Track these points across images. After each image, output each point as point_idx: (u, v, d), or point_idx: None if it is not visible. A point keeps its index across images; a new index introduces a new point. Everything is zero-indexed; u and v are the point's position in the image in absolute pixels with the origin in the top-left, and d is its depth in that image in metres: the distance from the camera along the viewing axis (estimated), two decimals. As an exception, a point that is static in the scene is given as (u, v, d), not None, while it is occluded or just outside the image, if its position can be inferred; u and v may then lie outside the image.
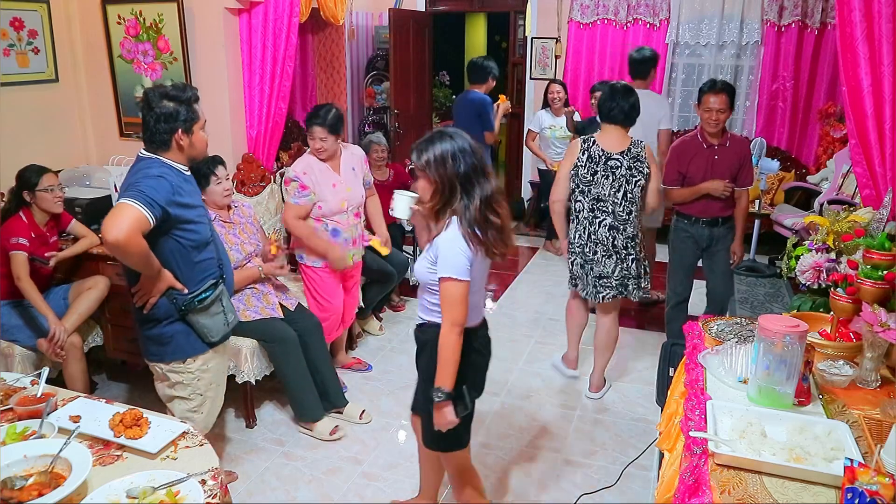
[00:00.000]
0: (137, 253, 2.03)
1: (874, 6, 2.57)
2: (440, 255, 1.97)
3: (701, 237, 3.53)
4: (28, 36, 3.67)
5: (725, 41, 5.86)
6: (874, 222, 2.43)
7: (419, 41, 6.27)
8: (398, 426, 3.24)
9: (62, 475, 1.53)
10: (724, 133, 3.41)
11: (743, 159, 3.42)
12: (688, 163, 3.44)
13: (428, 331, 2.11)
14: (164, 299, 2.21)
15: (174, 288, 2.21)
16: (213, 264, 2.33)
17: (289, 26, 3.79)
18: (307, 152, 3.28)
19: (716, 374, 1.99)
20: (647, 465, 2.85)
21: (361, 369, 3.75)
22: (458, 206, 1.96)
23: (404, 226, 4.58)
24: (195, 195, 2.27)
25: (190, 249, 2.22)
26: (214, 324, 2.30)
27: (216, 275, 2.33)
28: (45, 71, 3.81)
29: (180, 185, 2.16)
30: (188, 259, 2.23)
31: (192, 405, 2.37)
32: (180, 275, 2.22)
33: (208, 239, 2.30)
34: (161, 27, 3.76)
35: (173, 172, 2.17)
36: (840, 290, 2.13)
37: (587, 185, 3.15)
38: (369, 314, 4.18)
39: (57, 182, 3.02)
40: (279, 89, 3.92)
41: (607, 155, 3.11)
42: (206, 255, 2.29)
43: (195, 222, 2.22)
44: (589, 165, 3.13)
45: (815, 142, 5.78)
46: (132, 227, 1.98)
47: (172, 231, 2.16)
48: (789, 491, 1.48)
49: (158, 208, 2.04)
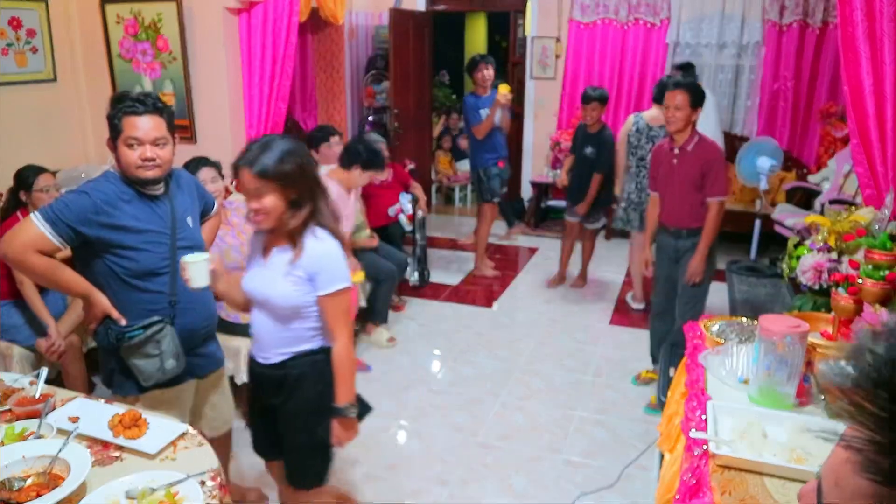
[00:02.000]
0: (33, 271, 1.92)
1: (876, 5, 2.56)
2: (321, 271, 1.80)
3: (667, 247, 3.32)
4: (26, 35, 3.67)
5: (726, 41, 5.85)
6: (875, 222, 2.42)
7: (419, 41, 6.27)
8: (398, 427, 3.23)
9: (61, 476, 1.52)
10: (692, 136, 3.13)
11: (705, 166, 3.10)
12: (657, 166, 3.31)
13: (302, 360, 1.89)
14: (102, 327, 2.02)
15: (111, 316, 1.99)
16: (162, 299, 2.02)
17: (288, 26, 3.79)
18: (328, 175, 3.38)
19: (716, 375, 1.98)
20: (648, 465, 2.85)
21: (361, 370, 3.74)
22: (316, 211, 1.81)
23: (404, 226, 4.58)
24: (144, 218, 1.98)
25: (126, 278, 1.97)
26: (146, 367, 2.00)
27: (165, 312, 2.02)
28: (44, 70, 3.80)
29: (114, 203, 1.93)
30: (124, 288, 1.98)
31: None
32: (117, 304, 1.99)
33: (155, 269, 2.00)
34: (160, 26, 3.76)
35: (113, 188, 1.96)
36: (841, 290, 2.12)
37: (634, 149, 4.27)
38: (378, 322, 4.13)
39: (53, 182, 3.01)
40: (279, 89, 3.91)
41: (649, 127, 4.19)
42: (151, 286, 2.01)
43: (132, 248, 1.95)
44: (636, 135, 4.26)
45: (817, 141, 5.77)
46: (24, 244, 1.86)
47: (103, 254, 1.95)
48: (790, 492, 1.47)
49: (64, 227, 1.87)
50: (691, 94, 3.05)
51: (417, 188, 4.78)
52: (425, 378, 3.71)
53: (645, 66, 6.08)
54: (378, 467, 2.91)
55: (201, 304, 2.13)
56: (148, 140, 1.95)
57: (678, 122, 3.08)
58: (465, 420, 3.27)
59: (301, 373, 1.90)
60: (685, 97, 3.04)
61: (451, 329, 4.29)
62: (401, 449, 3.07)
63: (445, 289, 4.97)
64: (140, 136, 1.94)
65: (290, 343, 1.88)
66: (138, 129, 1.94)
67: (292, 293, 1.80)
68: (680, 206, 3.21)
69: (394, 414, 3.33)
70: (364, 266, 3.99)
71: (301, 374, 1.90)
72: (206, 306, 2.17)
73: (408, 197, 4.59)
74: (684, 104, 3.05)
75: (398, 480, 2.83)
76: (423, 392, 3.54)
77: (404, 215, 4.52)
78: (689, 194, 3.16)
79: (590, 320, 4.46)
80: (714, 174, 3.11)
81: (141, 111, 1.94)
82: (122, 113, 1.95)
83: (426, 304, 4.69)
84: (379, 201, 4.47)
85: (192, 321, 2.12)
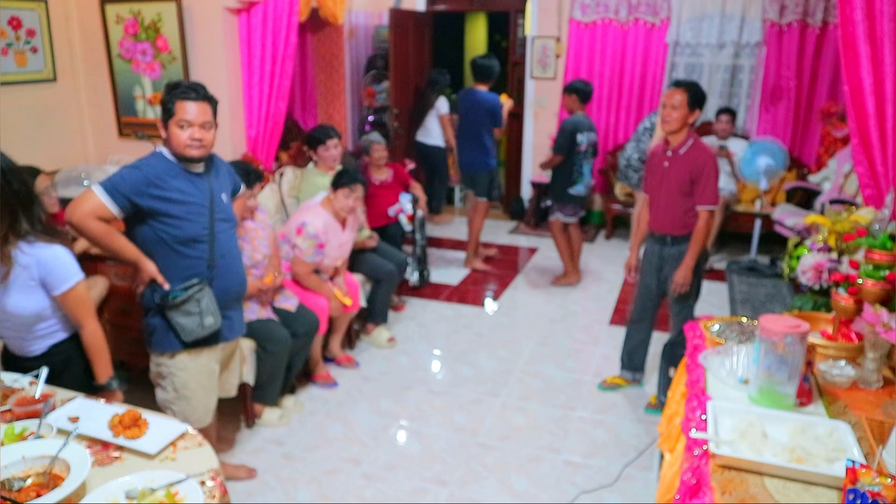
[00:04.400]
0: (91, 235, 2.17)
1: (876, 5, 2.57)
2: (52, 271, 1.94)
3: (651, 255, 3.20)
4: (26, 35, 3.66)
5: (726, 41, 5.84)
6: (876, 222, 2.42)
7: (419, 41, 6.27)
8: (398, 427, 3.23)
9: (61, 476, 1.52)
10: (687, 140, 3.02)
11: (695, 171, 2.97)
12: (650, 169, 3.22)
13: (65, 346, 2.09)
14: (148, 290, 2.31)
15: (156, 280, 2.27)
16: (201, 264, 2.32)
17: (288, 26, 3.79)
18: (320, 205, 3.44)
19: (717, 375, 1.98)
20: (648, 465, 2.85)
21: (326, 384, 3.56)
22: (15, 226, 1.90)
23: (404, 226, 4.58)
24: (191, 192, 2.26)
25: (172, 244, 2.26)
26: (188, 323, 2.30)
27: (203, 275, 2.32)
28: (44, 70, 3.80)
29: (162, 178, 2.20)
30: (169, 253, 2.27)
31: (168, 397, 2.46)
32: (162, 267, 2.28)
33: (196, 237, 2.29)
34: (160, 26, 3.76)
35: (163, 165, 2.22)
36: (841, 290, 2.13)
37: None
38: (378, 322, 4.14)
39: (50, 183, 3.00)
40: (278, 89, 3.91)
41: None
42: (193, 252, 2.30)
43: (178, 217, 2.23)
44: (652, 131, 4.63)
45: (817, 141, 5.77)
46: (86, 211, 2.13)
47: (151, 222, 2.23)
48: (790, 492, 1.47)
49: (121, 198, 2.15)
50: (690, 94, 2.95)
51: (417, 188, 4.78)
52: (425, 378, 3.71)
53: (645, 66, 6.07)
54: (378, 467, 2.91)
55: (234, 269, 2.45)
56: (197, 123, 2.20)
57: (673, 122, 2.97)
58: (465, 420, 3.27)
59: (68, 355, 2.10)
60: (683, 97, 2.94)
61: (451, 329, 4.28)
62: (401, 449, 3.07)
63: (445, 289, 4.97)
64: (190, 118, 2.20)
65: (43, 339, 2.06)
66: (189, 113, 2.19)
67: (29, 303, 1.96)
68: (666, 212, 3.09)
69: (394, 414, 3.33)
70: (364, 266, 4.00)
71: (69, 357, 2.10)
72: (238, 272, 2.49)
73: (408, 197, 4.59)
74: (682, 104, 2.94)
75: (398, 480, 2.83)
76: (423, 392, 3.54)
77: (404, 215, 4.52)
78: (677, 200, 3.04)
79: (590, 320, 4.46)
80: (704, 180, 2.96)
81: (193, 97, 2.20)
82: (176, 98, 2.19)
83: (426, 304, 4.69)
84: (379, 201, 4.47)
85: (227, 284, 2.42)
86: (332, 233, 3.42)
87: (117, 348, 3.37)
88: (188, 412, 2.45)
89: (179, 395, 2.44)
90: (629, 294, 4.87)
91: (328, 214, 3.42)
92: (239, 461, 2.92)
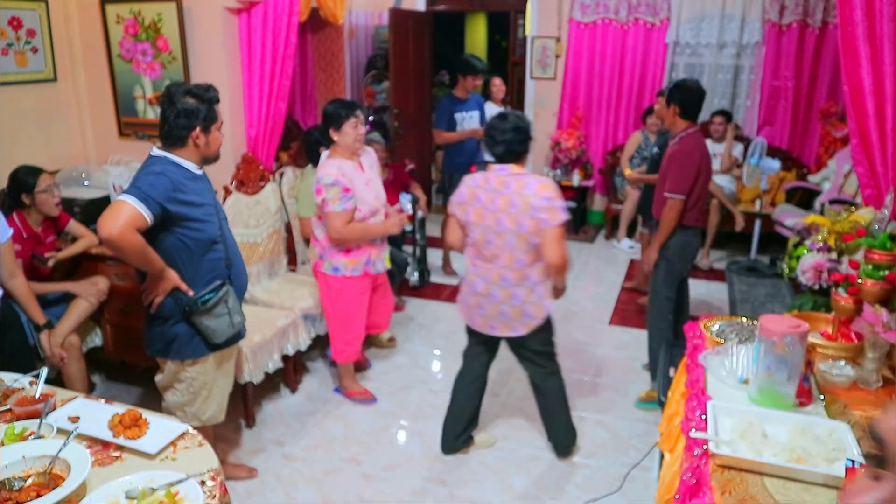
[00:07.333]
0: (131, 249, 2.07)
1: (876, 5, 2.56)
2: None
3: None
4: (26, 35, 3.66)
5: (726, 41, 5.85)
6: (875, 222, 2.42)
7: (419, 41, 6.27)
8: (398, 427, 3.23)
9: (61, 476, 1.52)
10: (680, 132, 3.20)
11: (669, 160, 3.19)
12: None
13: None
14: (170, 299, 2.25)
15: (179, 288, 2.23)
16: (221, 264, 2.34)
17: (288, 26, 3.78)
18: (327, 155, 3.15)
19: (716, 375, 1.98)
20: (648, 465, 2.85)
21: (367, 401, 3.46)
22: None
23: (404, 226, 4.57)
24: (204, 193, 2.27)
25: (195, 248, 2.24)
26: (219, 325, 2.30)
27: (223, 275, 2.34)
28: (44, 70, 3.79)
29: (183, 182, 2.17)
30: (193, 258, 2.25)
31: (182, 400, 2.44)
32: (185, 273, 2.25)
33: (215, 238, 2.30)
34: (160, 26, 3.76)
35: (179, 170, 2.19)
36: (841, 290, 2.13)
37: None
38: None
39: (53, 181, 3.01)
40: (278, 89, 3.90)
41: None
42: (213, 254, 2.30)
43: (200, 220, 2.23)
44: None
45: (816, 141, 5.77)
46: (125, 223, 2.02)
47: (175, 229, 2.19)
48: (790, 492, 1.47)
49: (155, 205, 2.08)
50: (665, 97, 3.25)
51: (417, 188, 4.78)
52: (425, 378, 3.71)
53: (645, 66, 6.08)
54: (378, 467, 2.91)
55: (242, 266, 2.50)
56: None
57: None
58: (465, 420, 3.27)
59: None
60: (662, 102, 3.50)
61: (451, 329, 4.28)
62: (401, 449, 3.07)
63: (445, 289, 4.97)
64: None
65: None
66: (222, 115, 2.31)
67: None
68: (657, 198, 3.32)
69: (394, 414, 3.33)
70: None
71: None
72: (244, 268, 2.52)
73: (408, 197, 4.59)
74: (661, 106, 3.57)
75: (398, 480, 2.83)
76: (423, 392, 3.54)
77: (404, 215, 4.51)
78: (661, 186, 3.26)
79: (590, 320, 4.46)
80: (674, 169, 3.14)
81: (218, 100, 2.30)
82: (215, 103, 2.26)
83: (426, 304, 4.69)
84: (379, 201, 4.45)
85: (241, 281, 2.46)
86: (351, 174, 3.06)
87: (116, 348, 3.40)
88: (202, 411, 2.47)
89: (196, 396, 2.44)
90: (629, 294, 4.88)
91: (339, 159, 3.11)
92: (239, 461, 2.93)
